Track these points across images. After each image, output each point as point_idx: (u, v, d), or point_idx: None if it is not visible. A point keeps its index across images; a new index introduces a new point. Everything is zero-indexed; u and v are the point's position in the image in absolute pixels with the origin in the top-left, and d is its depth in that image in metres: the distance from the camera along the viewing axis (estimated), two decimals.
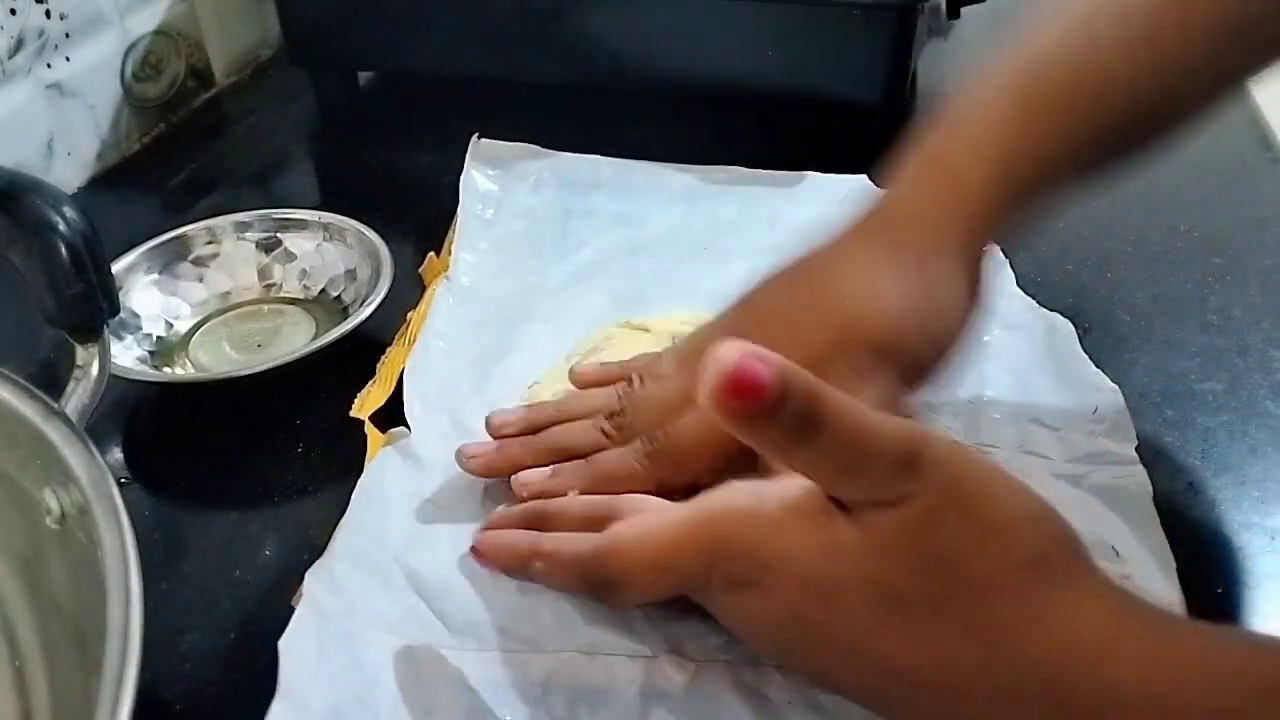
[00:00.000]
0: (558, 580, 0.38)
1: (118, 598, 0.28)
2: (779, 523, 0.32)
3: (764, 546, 0.32)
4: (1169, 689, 0.27)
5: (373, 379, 0.50)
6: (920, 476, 0.29)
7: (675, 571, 0.34)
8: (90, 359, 0.40)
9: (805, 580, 0.31)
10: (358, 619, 0.38)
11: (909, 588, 0.30)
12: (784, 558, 0.32)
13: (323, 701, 0.35)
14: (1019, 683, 0.29)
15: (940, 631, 0.29)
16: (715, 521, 0.34)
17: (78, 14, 0.68)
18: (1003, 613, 0.29)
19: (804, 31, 0.68)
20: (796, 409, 0.28)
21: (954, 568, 0.29)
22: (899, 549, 0.30)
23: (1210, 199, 0.64)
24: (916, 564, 0.29)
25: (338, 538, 0.41)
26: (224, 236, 0.58)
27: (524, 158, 0.66)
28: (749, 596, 0.33)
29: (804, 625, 0.32)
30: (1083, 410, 0.47)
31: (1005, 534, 0.29)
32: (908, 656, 0.30)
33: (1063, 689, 0.28)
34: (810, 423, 0.28)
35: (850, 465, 0.29)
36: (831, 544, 0.31)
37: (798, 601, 0.32)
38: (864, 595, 0.30)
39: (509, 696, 0.36)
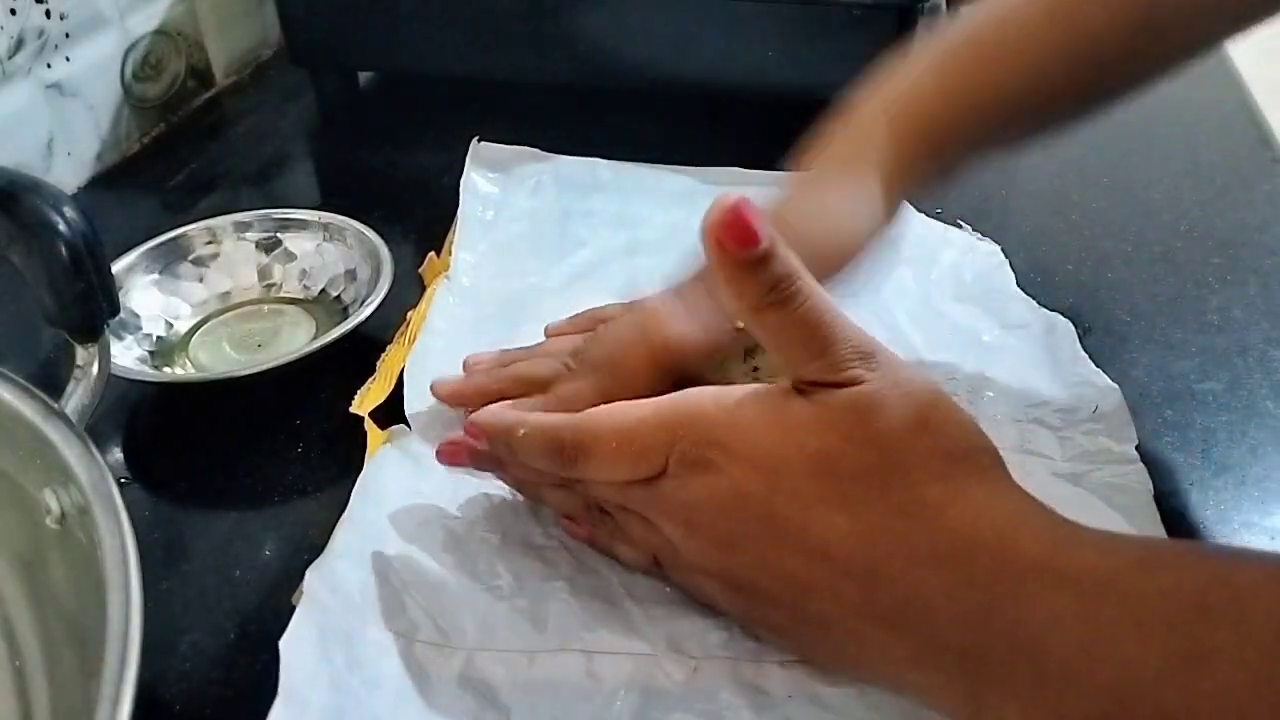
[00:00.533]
0: (533, 447, 0.39)
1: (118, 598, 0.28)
2: (738, 403, 0.35)
3: (720, 425, 0.35)
4: (1061, 557, 0.30)
5: (372, 376, 0.50)
6: (874, 367, 0.33)
7: (637, 444, 0.36)
8: (90, 359, 0.40)
9: (754, 456, 0.34)
10: (358, 617, 0.38)
11: (849, 462, 0.32)
12: (738, 433, 0.34)
13: (323, 701, 0.35)
14: (934, 550, 0.31)
15: (871, 504, 0.32)
16: (678, 403, 0.36)
17: (78, 14, 0.68)
18: (927, 491, 0.32)
19: (804, 31, 0.68)
20: (779, 270, 0.32)
21: (891, 447, 0.32)
22: (844, 424, 0.33)
23: (1210, 199, 0.64)
24: (858, 439, 0.32)
25: (338, 535, 0.41)
26: (224, 236, 0.58)
27: (524, 161, 0.66)
28: (701, 479, 0.35)
29: (748, 505, 0.34)
30: (1083, 409, 0.47)
31: (940, 428, 0.33)
32: (838, 529, 0.32)
33: (969, 555, 0.31)
34: (788, 287, 0.32)
35: (815, 339, 0.33)
36: (783, 419, 0.34)
37: (746, 479, 0.34)
38: (807, 467, 0.33)
39: (510, 695, 0.36)
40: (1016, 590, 0.30)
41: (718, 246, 0.32)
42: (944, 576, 0.31)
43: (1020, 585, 0.30)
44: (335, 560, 0.40)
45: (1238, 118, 0.72)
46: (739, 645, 0.38)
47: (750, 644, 0.38)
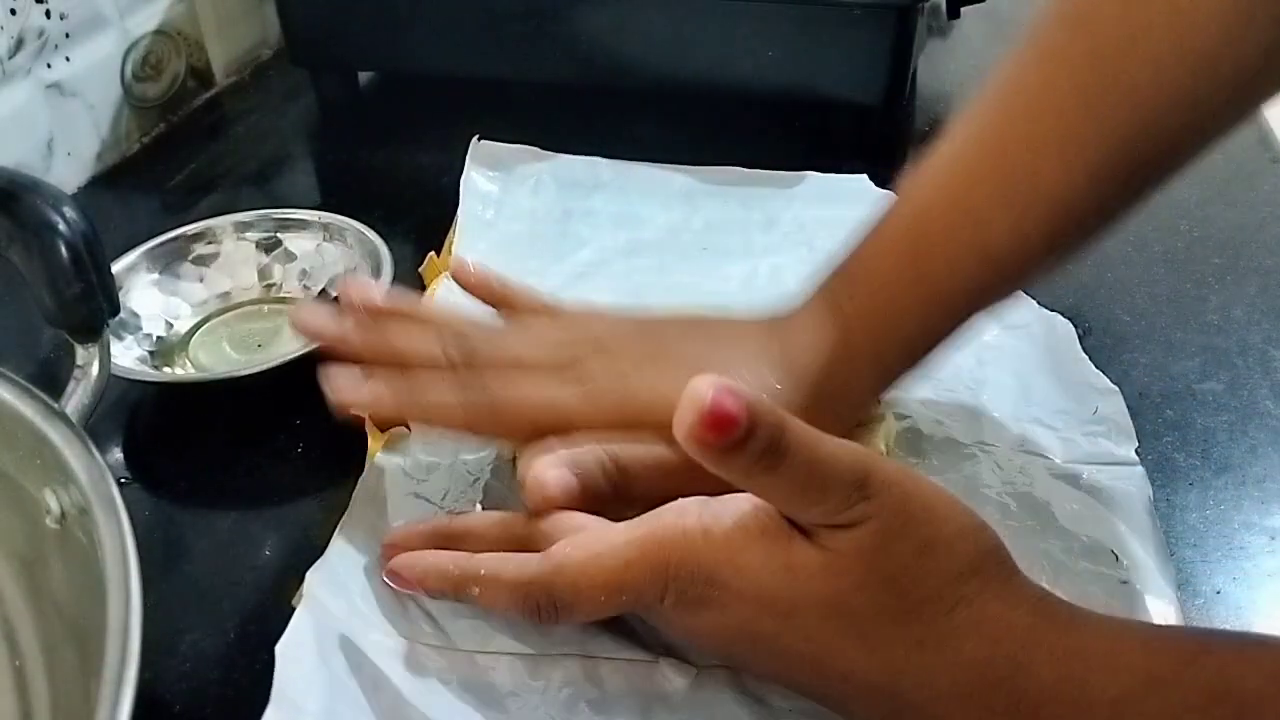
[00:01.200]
0: (496, 605, 0.36)
1: (117, 598, 0.28)
2: (735, 543, 0.33)
3: (720, 567, 0.33)
4: (1078, 681, 0.30)
5: None
6: (872, 498, 0.31)
7: (627, 592, 0.34)
8: (90, 359, 0.40)
9: (761, 598, 0.33)
10: (359, 619, 0.38)
11: (862, 604, 0.31)
12: (741, 577, 0.33)
13: (318, 707, 0.35)
14: (956, 684, 0.31)
15: (890, 642, 0.31)
16: (668, 542, 0.34)
17: (78, 14, 0.68)
18: (944, 622, 0.31)
19: (804, 31, 0.68)
20: (763, 440, 0.29)
21: (902, 584, 0.31)
22: (854, 569, 0.31)
23: (1210, 199, 0.64)
24: (870, 582, 0.31)
25: (338, 537, 0.41)
26: (224, 236, 0.58)
27: (524, 160, 0.66)
28: (701, 614, 0.34)
29: (758, 639, 0.33)
30: (1083, 411, 0.47)
31: (947, 548, 0.31)
32: (860, 666, 0.32)
33: (991, 687, 0.31)
34: (775, 452, 0.30)
35: (809, 490, 0.31)
36: (790, 564, 0.32)
37: (753, 618, 0.33)
38: (820, 612, 0.32)
39: (510, 700, 0.36)
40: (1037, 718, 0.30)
41: (699, 446, 0.29)
42: (966, 710, 0.31)
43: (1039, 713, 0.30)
44: (336, 562, 0.40)
45: None
46: None
47: None
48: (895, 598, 0.31)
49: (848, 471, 0.31)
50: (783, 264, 0.57)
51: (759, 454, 0.30)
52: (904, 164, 0.69)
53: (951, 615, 0.31)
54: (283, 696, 0.34)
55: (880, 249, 0.42)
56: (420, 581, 0.37)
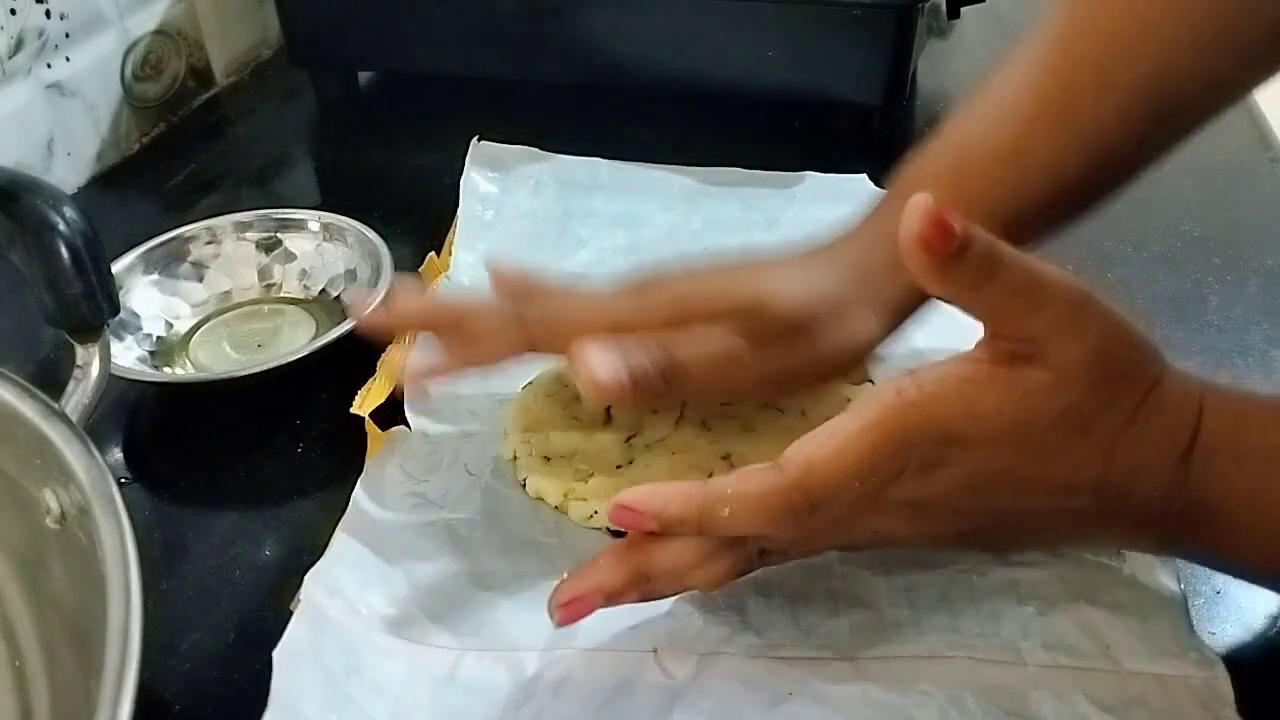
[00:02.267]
0: (750, 521, 0.34)
1: (118, 598, 0.28)
2: (968, 394, 0.34)
3: (957, 420, 0.34)
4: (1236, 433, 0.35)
5: (373, 377, 0.50)
6: (1089, 311, 0.34)
7: (880, 473, 0.34)
8: (90, 359, 0.40)
9: (997, 436, 0.34)
10: (358, 621, 0.38)
11: (1088, 405, 0.34)
12: (978, 422, 0.34)
13: (315, 712, 0.35)
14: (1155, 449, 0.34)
15: (1107, 428, 0.34)
16: (903, 417, 0.34)
17: (78, 14, 0.68)
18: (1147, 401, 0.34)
19: (804, 31, 0.68)
20: (980, 249, 0.32)
21: (1119, 380, 0.34)
22: (1084, 375, 0.33)
23: (1211, 199, 0.64)
24: (1095, 383, 0.33)
25: (337, 538, 0.41)
26: (224, 236, 0.58)
27: (524, 160, 0.66)
28: (932, 478, 0.34)
29: (989, 480, 0.35)
30: None
31: (1142, 346, 0.35)
32: (1083, 462, 0.34)
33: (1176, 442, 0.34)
34: (993, 261, 0.32)
35: (1033, 299, 0.33)
36: (1025, 390, 0.34)
37: (988, 458, 0.34)
38: (1053, 422, 0.34)
39: (511, 696, 0.36)
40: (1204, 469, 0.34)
41: (926, 253, 0.32)
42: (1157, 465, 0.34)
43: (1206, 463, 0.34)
44: (334, 563, 0.40)
45: (1238, 117, 0.72)
46: (741, 641, 0.38)
47: (752, 640, 0.38)
48: (1114, 392, 0.34)
49: (1063, 281, 0.33)
50: None
51: (979, 260, 0.32)
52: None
53: (1150, 393, 0.34)
54: (280, 701, 0.34)
55: (922, 178, 0.44)
56: (661, 511, 0.35)
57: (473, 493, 0.44)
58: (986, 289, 0.33)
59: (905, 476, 0.34)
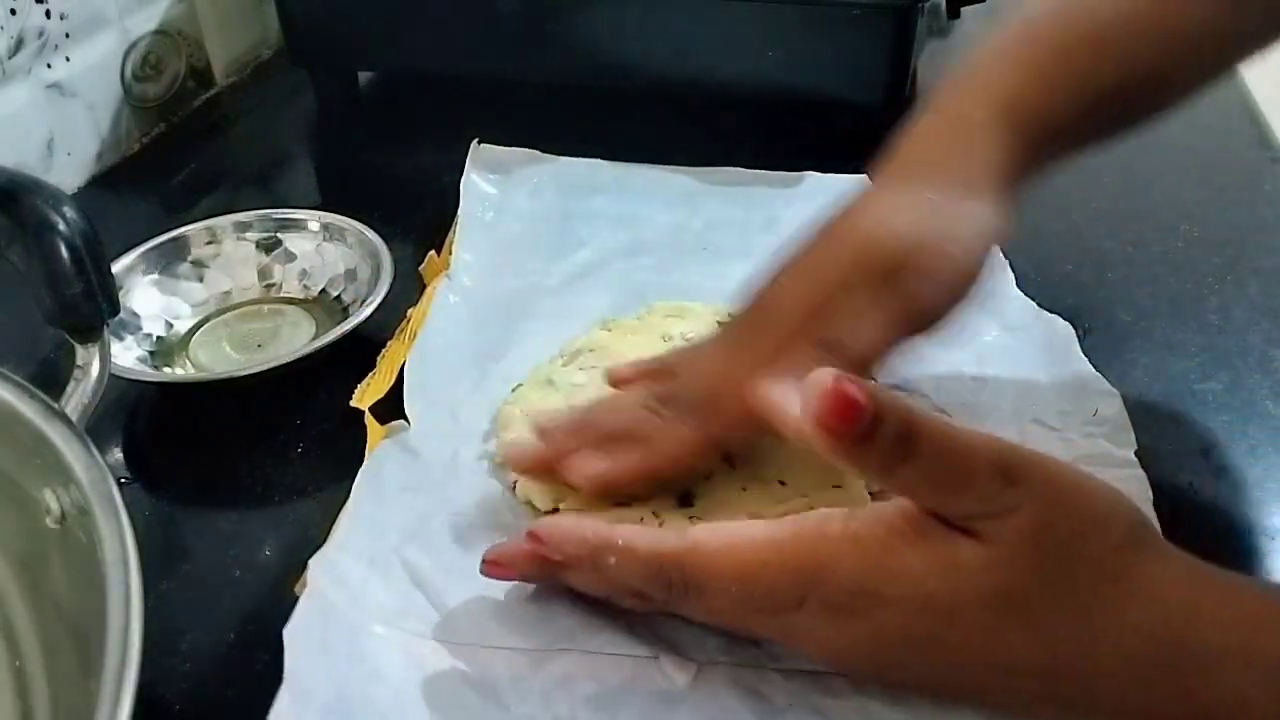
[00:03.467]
0: (629, 576, 0.35)
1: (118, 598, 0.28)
2: (888, 547, 0.32)
3: (871, 573, 0.32)
4: (1246, 641, 0.30)
5: (373, 371, 0.50)
6: (1020, 482, 0.31)
7: (761, 587, 0.33)
8: (90, 359, 0.40)
9: (920, 602, 0.32)
10: (360, 611, 0.38)
11: (1029, 590, 0.31)
12: (896, 582, 0.32)
13: (326, 691, 0.35)
14: (1121, 652, 0.31)
15: (1055, 623, 0.31)
16: (812, 544, 0.33)
17: (78, 14, 0.68)
18: (1108, 591, 0.31)
19: (804, 31, 0.68)
20: (892, 429, 0.30)
21: (1067, 562, 0.31)
22: (1021, 557, 0.31)
23: (1211, 199, 0.64)
24: (1036, 566, 0.31)
25: (339, 528, 0.41)
26: (224, 236, 0.58)
27: (524, 163, 0.66)
28: (847, 625, 0.33)
29: (913, 644, 0.32)
30: (1082, 412, 0.47)
31: (1104, 522, 0.31)
32: (1026, 653, 0.31)
33: (1156, 650, 0.30)
34: (908, 442, 0.30)
35: (954, 481, 0.31)
36: (951, 562, 0.31)
37: (909, 624, 0.32)
38: (985, 606, 0.31)
39: (509, 694, 0.36)
40: (1205, 679, 0.30)
41: (827, 434, 0.30)
42: (1132, 673, 0.31)
43: (1208, 673, 0.30)
44: (337, 552, 0.40)
45: (1238, 117, 0.72)
46: (740, 651, 0.37)
47: (752, 650, 0.38)
48: (1061, 577, 0.31)
49: (989, 455, 0.31)
50: None
51: (892, 441, 0.30)
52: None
53: (1115, 585, 0.31)
54: (294, 679, 0.34)
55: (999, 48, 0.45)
56: (559, 548, 0.36)
57: (471, 491, 0.44)
58: (902, 470, 0.31)
59: (806, 612, 0.33)
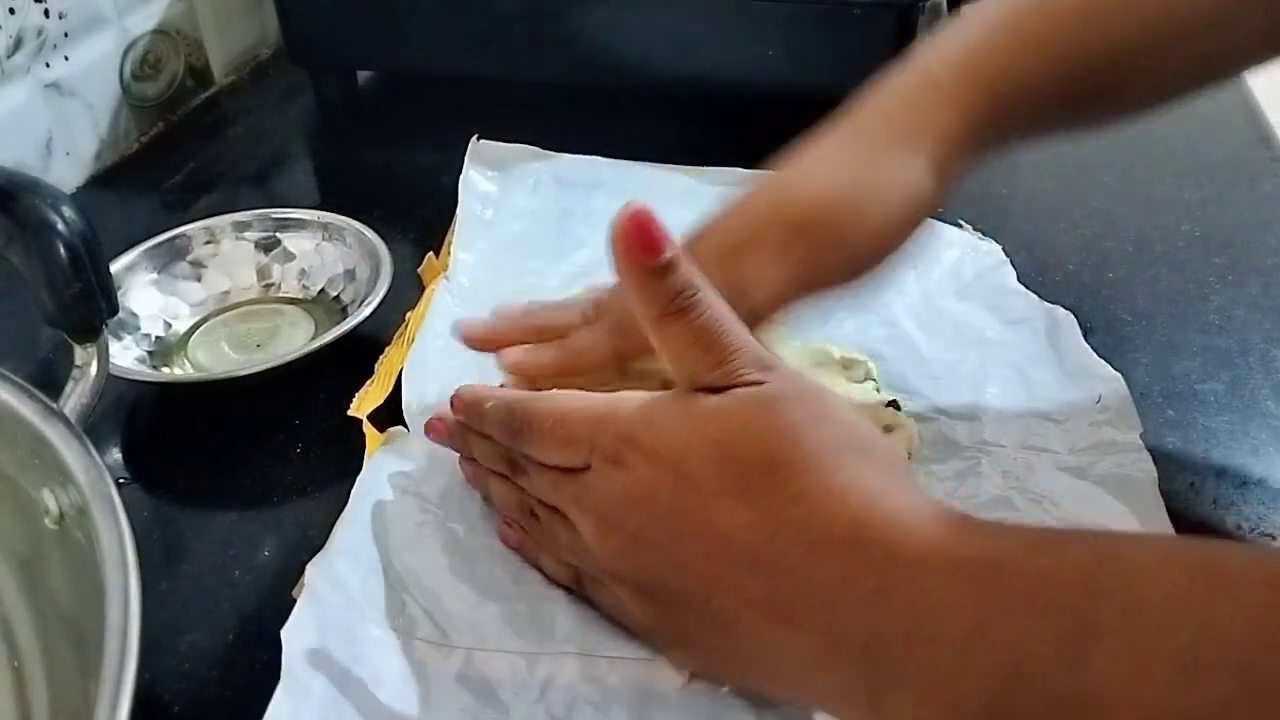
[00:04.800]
0: (492, 418, 0.40)
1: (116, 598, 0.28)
2: (652, 402, 0.36)
3: (635, 421, 0.35)
4: (953, 543, 0.30)
5: (371, 378, 0.50)
6: (774, 371, 0.34)
7: (565, 430, 0.37)
8: (89, 359, 0.40)
9: (661, 449, 0.34)
10: (358, 613, 0.38)
11: (749, 450, 0.33)
12: (648, 429, 0.35)
13: (323, 691, 0.35)
14: (829, 537, 0.31)
15: (771, 493, 0.32)
16: (607, 400, 0.37)
17: (76, 13, 0.68)
18: (826, 480, 0.32)
19: (804, 31, 0.67)
20: (681, 280, 0.34)
21: (791, 437, 0.33)
22: (746, 414, 0.33)
23: (1211, 199, 0.64)
24: (759, 428, 0.33)
25: (337, 533, 0.41)
26: (223, 236, 0.58)
27: (523, 159, 0.66)
28: (616, 475, 0.35)
29: (656, 499, 0.34)
30: (1086, 400, 0.47)
31: (840, 422, 0.34)
32: (740, 518, 0.32)
33: (864, 542, 0.31)
34: (689, 297, 0.34)
35: (714, 348, 0.34)
36: (689, 411, 0.34)
37: (654, 474, 0.34)
38: (709, 454, 0.33)
39: (506, 696, 0.36)
40: (910, 577, 0.30)
41: (624, 252, 0.34)
42: (840, 563, 0.31)
43: (913, 572, 0.30)
44: (335, 557, 0.40)
45: (1239, 117, 0.72)
46: None
47: None
48: (780, 448, 0.32)
49: (754, 350, 0.34)
50: None
51: (678, 289, 0.34)
52: None
53: (834, 477, 0.32)
54: (292, 678, 0.34)
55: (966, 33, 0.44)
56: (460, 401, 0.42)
57: (470, 494, 0.44)
58: (674, 324, 0.34)
59: (595, 460, 0.36)
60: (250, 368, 0.50)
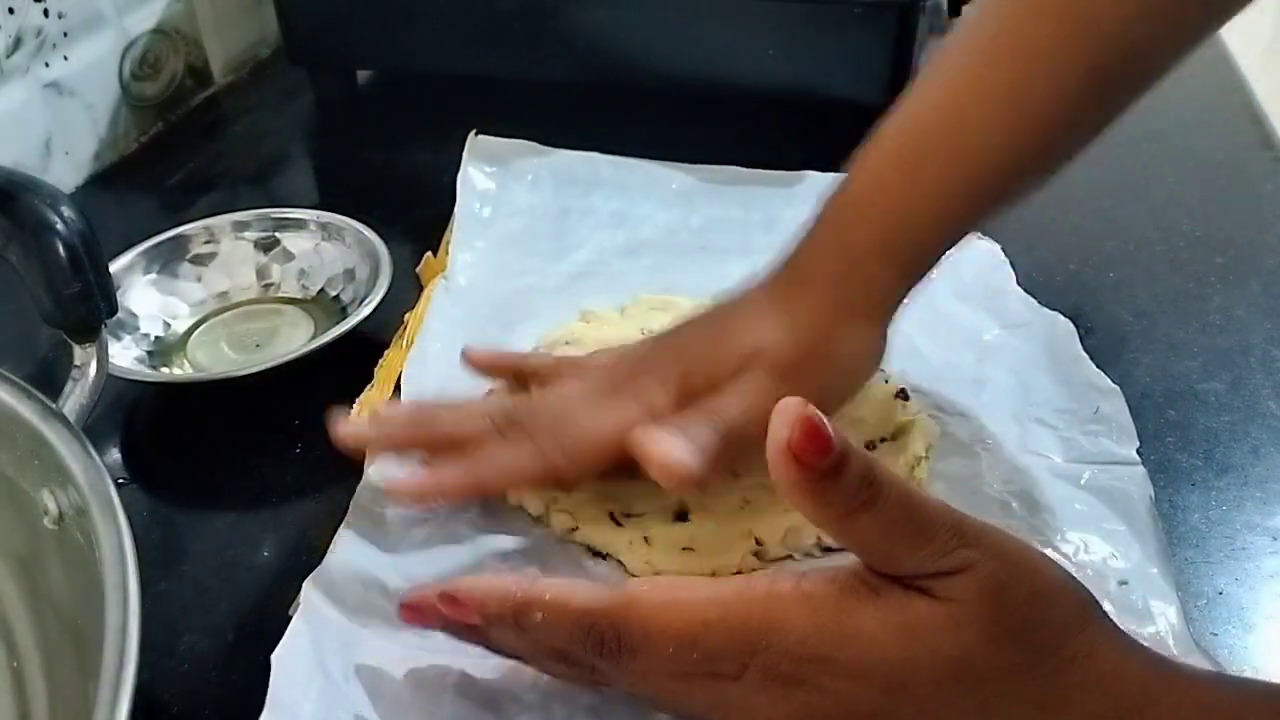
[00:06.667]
0: (556, 634, 0.33)
1: (116, 598, 0.28)
2: (843, 607, 0.30)
3: (824, 635, 0.30)
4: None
5: (370, 383, 0.49)
6: (972, 544, 0.29)
7: (702, 649, 0.31)
8: (88, 359, 0.40)
9: (870, 669, 0.30)
10: (357, 626, 0.38)
11: (986, 660, 0.29)
12: (848, 645, 0.30)
13: (314, 712, 0.34)
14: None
15: (1010, 702, 0.29)
16: (762, 603, 0.31)
17: (76, 13, 0.68)
18: (1065, 678, 0.29)
19: (804, 30, 0.67)
20: (858, 469, 0.29)
21: (1024, 636, 0.29)
22: (979, 619, 0.29)
23: (1212, 199, 0.64)
24: (994, 634, 0.29)
25: (337, 544, 0.41)
26: (222, 236, 0.58)
27: (522, 155, 0.66)
28: (790, 695, 0.31)
29: (854, 717, 0.31)
30: (1084, 410, 0.47)
31: (1056, 597, 0.30)
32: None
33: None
34: (871, 486, 0.29)
35: (912, 533, 0.29)
36: (908, 622, 0.30)
37: (857, 695, 0.30)
38: (939, 677, 0.29)
39: (509, 705, 0.36)
40: None
41: (793, 464, 0.28)
42: None
43: None
44: (334, 569, 0.40)
45: (1240, 117, 0.72)
46: None
47: None
48: (1019, 651, 0.29)
49: (943, 514, 0.29)
50: None
51: (855, 485, 0.29)
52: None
53: (1070, 670, 0.29)
54: (278, 703, 0.34)
55: (881, 162, 0.43)
56: (481, 606, 0.34)
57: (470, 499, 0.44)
58: (862, 518, 0.29)
59: (748, 679, 0.31)
60: (250, 368, 0.50)
